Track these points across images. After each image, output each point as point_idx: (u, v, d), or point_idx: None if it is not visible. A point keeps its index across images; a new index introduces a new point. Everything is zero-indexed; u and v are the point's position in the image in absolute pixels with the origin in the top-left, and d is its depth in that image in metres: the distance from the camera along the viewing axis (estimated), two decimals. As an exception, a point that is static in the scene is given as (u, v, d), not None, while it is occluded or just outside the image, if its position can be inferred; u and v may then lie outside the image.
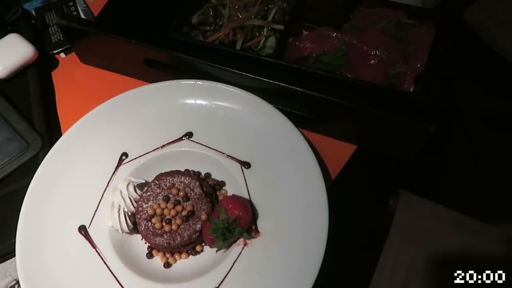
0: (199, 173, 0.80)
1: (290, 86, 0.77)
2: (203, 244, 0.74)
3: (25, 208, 0.72)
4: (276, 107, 0.79)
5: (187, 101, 0.83)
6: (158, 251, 0.73)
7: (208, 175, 0.80)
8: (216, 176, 0.80)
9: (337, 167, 0.84)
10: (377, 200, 0.81)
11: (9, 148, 0.80)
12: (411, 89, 0.77)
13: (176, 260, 0.73)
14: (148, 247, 0.74)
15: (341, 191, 0.79)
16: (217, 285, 0.67)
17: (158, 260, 0.73)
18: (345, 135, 0.85)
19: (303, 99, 0.78)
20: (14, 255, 0.72)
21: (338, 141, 0.86)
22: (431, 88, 0.75)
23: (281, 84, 0.78)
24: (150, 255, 0.73)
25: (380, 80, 0.77)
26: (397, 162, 0.84)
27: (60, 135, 0.87)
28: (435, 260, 0.77)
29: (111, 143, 0.80)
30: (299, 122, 0.79)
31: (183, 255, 0.73)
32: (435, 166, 0.86)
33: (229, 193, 0.77)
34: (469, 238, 0.78)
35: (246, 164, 0.77)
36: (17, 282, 0.71)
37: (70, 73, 0.99)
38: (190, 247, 0.73)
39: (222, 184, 0.79)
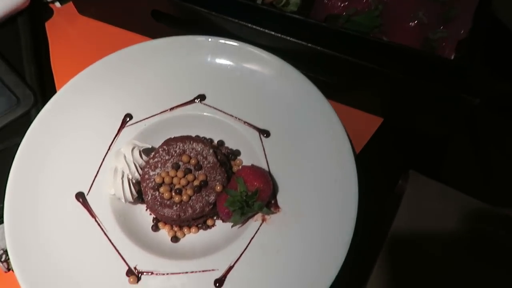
0: (211, 140, 0.72)
1: (318, 47, 0.69)
2: (215, 218, 0.67)
3: (15, 170, 0.63)
4: (300, 72, 0.71)
5: (200, 60, 0.74)
6: (165, 223, 0.66)
7: (221, 143, 0.72)
8: (230, 144, 0.72)
9: (360, 141, 0.76)
10: (389, 179, 0.76)
11: None
12: (452, 57, 0.69)
13: (184, 235, 0.66)
14: (154, 218, 0.67)
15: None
16: (231, 264, 0.60)
17: (164, 233, 0.66)
18: (373, 106, 0.78)
19: (331, 63, 0.70)
20: (1, 222, 0.64)
21: (364, 113, 0.79)
22: (475, 56, 0.67)
23: (308, 44, 0.69)
24: (156, 228, 0.66)
25: (418, 45, 0.70)
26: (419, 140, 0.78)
27: (54, 91, 0.77)
28: (441, 241, 0.74)
29: (114, 103, 0.71)
30: (323, 90, 0.71)
31: (193, 229, 0.66)
32: (437, 145, 0.81)
33: (245, 164, 0.69)
34: (475, 221, 0.76)
35: (265, 133, 0.69)
36: (5, 251, 0.63)
37: (65, 25, 0.88)
38: (201, 220, 0.66)
39: (236, 153, 0.71)
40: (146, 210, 0.67)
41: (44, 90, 0.76)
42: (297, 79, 0.71)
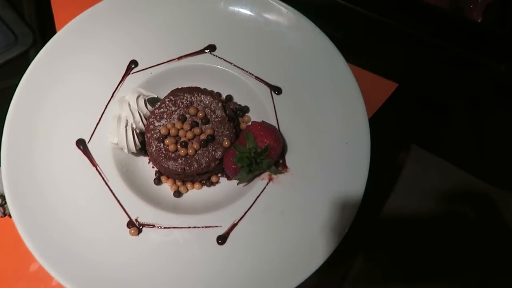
0: (220, 94, 0.69)
1: (339, 0, 0.64)
2: (220, 175, 0.65)
3: (12, 112, 0.60)
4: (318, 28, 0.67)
5: (212, 7, 0.69)
6: (168, 177, 0.64)
7: (229, 98, 0.69)
8: (239, 100, 0.69)
9: (372, 105, 0.73)
10: (391, 149, 0.74)
11: None
12: (479, 20, 0.65)
13: (188, 190, 0.64)
14: (156, 172, 0.64)
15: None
16: (235, 222, 0.59)
17: (167, 187, 0.64)
18: (389, 70, 0.74)
19: (351, 19, 0.66)
20: (-2, 166, 0.61)
21: (379, 77, 0.75)
22: (505, 21, 0.63)
23: (328, -3, 0.65)
24: (158, 181, 0.64)
25: (444, 4, 0.65)
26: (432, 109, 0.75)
27: (54, 32, 0.72)
28: (437, 217, 0.74)
29: (118, 47, 0.66)
30: (340, 51, 0.67)
31: (196, 185, 0.64)
32: (441, 118, 0.79)
33: (254, 120, 0.66)
34: (474, 198, 0.75)
35: (276, 89, 0.66)
36: (1, 196, 0.62)
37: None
38: (205, 176, 0.63)
39: (245, 109, 0.68)
40: (149, 162, 0.65)
41: (44, 30, 0.71)
42: (314, 34, 0.67)
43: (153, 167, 0.65)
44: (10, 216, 0.62)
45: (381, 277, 0.71)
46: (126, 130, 0.60)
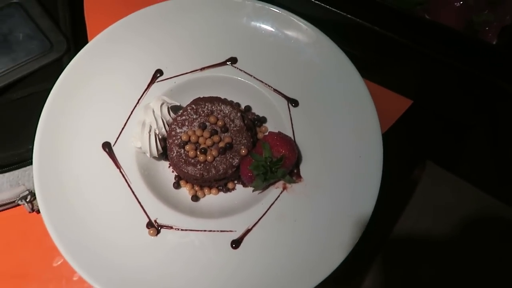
0: (239, 104, 0.72)
1: (357, 19, 0.67)
2: (236, 182, 0.67)
3: (45, 114, 0.64)
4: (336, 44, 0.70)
5: (235, 22, 0.72)
6: (186, 182, 0.67)
7: (248, 108, 0.72)
8: (257, 110, 0.72)
9: (386, 121, 0.75)
10: (406, 165, 0.75)
11: (30, 46, 0.71)
12: (494, 42, 0.67)
13: (205, 195, 0.67)
14: (176, 176, 0.68)
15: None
16: (249, 227, 0.61)
17: (185, 191, 0.67)
18: (404, 87, 0.76)
19: (368, 37, 0.68)
20: (29, 164, 0.65)
21: (394, 93, 0.77)
22: (519, 44, 0.65)
23: (347, 15, 0.67)
24: (177, 185, 0.67)
25: (461, 26, 0.67)
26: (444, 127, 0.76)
27: (86, 40, 0.77)
28: (451, 236, 0.74)
29: (146, 57, 0.70)
30: (356, 67, 0.70)
31: (213, 191, 0.66)
32: (457, 136, 0.80)
33: (271, 130, 0.69)
34: (489, 218, 0.74)
35: (293, 102, 0.69)
36: (30, 192, 0.65)
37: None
38: (222, 182, 0.66)
39: (263, 120, 0.71)
40: (169, 167, 0.68)
41: (77, 38, 0.76)
42: (332, 50, 0.69)
43: (172, 172, 0.68)
44: (37, 212, 0.66)
45: None
46: (150, 135, 0.63)
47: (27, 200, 0.65)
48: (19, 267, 0.66)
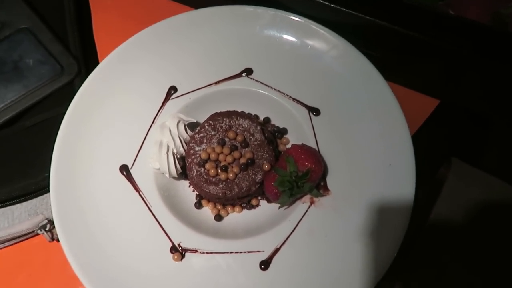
0: (257, 117, 0.69)
1: (377, 20, 0.64)
2: (259, 198, 0.65)
3: (60, 139, 0.62)
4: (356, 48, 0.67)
5: (248, 32, 0.70)
6: (208, 201, 0.64)
7: (267, 120, 0.69)
8: (277, 122, 0.69)
9: (414, 123, 0.71)
10: (432, 165, 0.71)
11: (41, 71, 0.69)
12: (526, 35, 0.63)
13: (228, 213, 0.64)
14: (197, 195, 0.65)
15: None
16: (278, 246, 0.58)
17: (207, 211, 0.64)
18: (429, 86, 0.72)
19: (390, 37, 0.65)
20: (46, 192, 0.63)
21: (419, 94, 0.73)
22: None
23: (366, 17, 0.64)
24: (199, 205, 0.64)
25: (486, 20, 0.64)
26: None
27: (96, 61, 0.76)
28: (481, 233, 0.69)
29: (158, 74, 0.68)
30: (378, 69, 0.66)
31: (237, 209, 0.64)
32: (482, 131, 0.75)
33: (292, 143, 0.66)
34: None
35: (314, 111, 0.66)
36: (49, 221, 0.63)
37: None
38: (246, 200, 0.63)
39: (283, 131, 0.68)
40: (189, 186, 0.66)
41: (88, 59, 0.74)
42: (351, 54, 0.66)
43: (193, 191, 0.65)
44: (58, 240, 0.64)
45: None
46: (168, 155, 0.61)
47: (47, 229, 0.63)
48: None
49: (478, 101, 0.72)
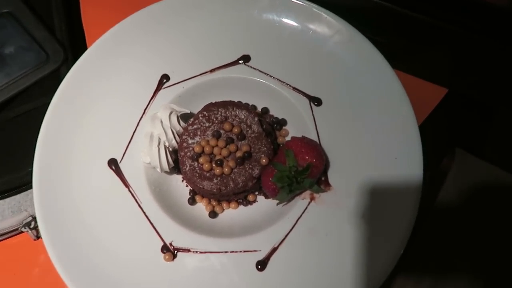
0: (255, 107, 0.65)
1: (384, 3, 0.59)
2: (257, 193, 0.61)
3: (44, 132, 0.58)
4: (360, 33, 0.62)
5: (245, 16, 0.65)
6: (202, 197, 0.60)
7: (265, 110, 0.65)
8: (276, 112, 0.65)
9: (422, 113, 0.67)
10: (437, 155, 0.68)
11: (25, 59, 0.65)
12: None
13: (223, 210, 0.60)
14: (191, 191, 0.61)
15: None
16: (275, 246, 0.54)
17: (201, 207, 0.61)
18: (437, 74, 0.68)
19: (397, 22, 0.61)
20: (30, 187, 0.59)
21: (427, 82, 0.69)
22: None
23: None
24: (192, 201, 0.60)
25: (504, 2, 0.59)
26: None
27: (85, 48, 0.71)
28: (484, 227, 0.66)
29: (149, 62, 0.64)
30: (385, 57, 0.62)
31: (232, 205, 0.60)
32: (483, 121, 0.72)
33: (292, 135, 0.62)
34: None
35: (316, 101, 0.61)
36: (34, 218, 0.60)
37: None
38: (242, 195, 0.60)
39: (282, 122, 0.64)
40: (182, 181, 0.62)
41: (75, 46, 0.70)
42: (356, 39, 0.62)
43: (186, 186, 0.62)
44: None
45: None
46: (159, 148, 0.57)
47: (31, 226, 0.60)
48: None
49: (487, 91, 0.68)
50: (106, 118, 0.61)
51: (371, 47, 0.61)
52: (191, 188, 0.61)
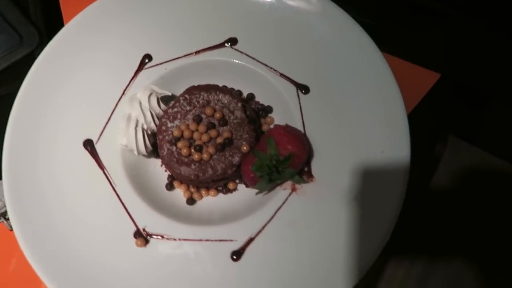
0: (240, 93, 0.63)
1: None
2: (237, 181, 0.59)
3: (15, 113, 0.56)
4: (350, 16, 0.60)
5: (233, -4, 0.63)
6: (181, 182, 0.58)
7: (251, 96, 0.63)
8: (262, 99, 0.62)
9: (412, 99, 0.65)
10: (429, 142, 0.66)
11: None
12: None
13: (202, 197, 0.58)
14: (169, 176, 0.59)
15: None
16: (252, 236, 0.53)
17: (179, 193, 0.59)
18: (429, 59, 0.65)
19: (386, 2, 0.58)
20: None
21: (418, 67, 0.66)
22: None
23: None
24: (170, 187, 0.58)
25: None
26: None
27: (62, 29, 0.68)
28: (477, 213, 0.65)
29: (132, 41, 0.61)
30: (374, 40, 0.59)
31: (212, 192, 0.58)
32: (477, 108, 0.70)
33: (277, 123, 0.60)
34: None
35: (303, 88, 0.59)
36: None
37: None
38: (222, 183, 0.58)
39: (268, 110, 0.62)
40: (161, 165, 0.60)
41: (51, 28, 0.66)
42: (344, 21, 0.60)
43: (165, 171, 0.60)
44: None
45: (416, 280, 0.64)
46: (136, 131, 0.55)
47: (6, 217, 0.57)
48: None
49: (479, 75, 0.66)
50: (83, 98, 0.58)
51: (359, 29, 0.59)
52: (170, 173, 0.59)
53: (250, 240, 0.52)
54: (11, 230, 0.58)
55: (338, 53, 0.59)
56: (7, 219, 0.58)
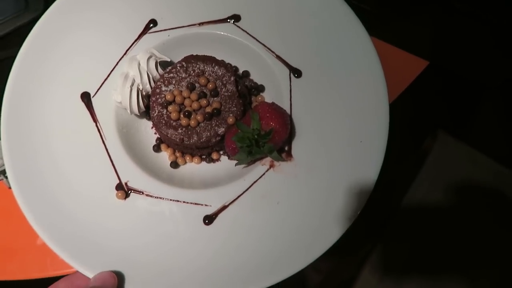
0: (236, 69, 0.65)
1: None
2: (221, 152, 0.61)
3: (19, 62, 0.59)
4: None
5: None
6: (168, 146, 0.61)
7: (246, 74, 0.65)
8: (256, 78, 0.65)
9: (400, 85, 0.67)
10: (416, 134, 0.68)
11: (2, 6, 0.64)
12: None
13: (185, 162, 0.61)
14: (157, 139, 0.62)
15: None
16: (226, 204, 0.55)
17: (165, 156, 0.61)
18: (419, 45, 0.66)
19: None
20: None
21: (407, 53, 0.68)
22: None
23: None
24: (157, 148, 0.61)
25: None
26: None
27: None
28: (462, 209, 0.67)
29: (139, 4, 0.63)
30: (366, 24, 0.61)
31: (195, 159, 0.61)
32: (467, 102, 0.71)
33: (267, 101, 0.62)
34: (503, 190, 0.69)
35: (296, 72, 0.61)
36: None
37: None
38: (206, 151, 0.60)
39: (260, 88, 0.64)
40: (152, 128, 0.63)
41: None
42: (336, 5, 0.61)
43: (155, 133, 0.62)
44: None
45: (399, 270, 0.67)
46: (131, 89, 0.57)
47: (6, 174, 0.60)
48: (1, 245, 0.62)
49: (469, 66, 0.67)
50: (86, 53, 0.61)
51: (349, 12, 0.61)
52: (159, 136, 0.62)
53: (224, 207, 0.55)
54: (10, 188, 0.61)
55: (330, 37, 0.61)
56: (7, 177, 0.60)
